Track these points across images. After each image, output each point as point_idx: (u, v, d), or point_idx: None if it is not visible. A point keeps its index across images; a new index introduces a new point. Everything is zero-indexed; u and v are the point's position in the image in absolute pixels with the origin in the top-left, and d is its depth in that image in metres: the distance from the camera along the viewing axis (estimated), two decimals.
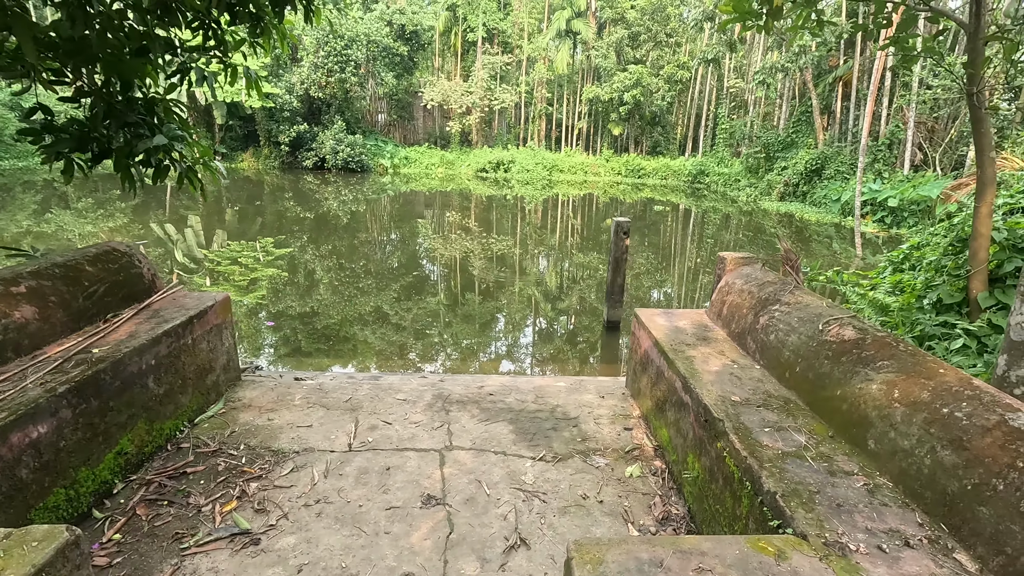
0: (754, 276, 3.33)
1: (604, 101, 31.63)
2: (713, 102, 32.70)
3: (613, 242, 6.87)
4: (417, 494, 2.68)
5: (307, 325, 7.54)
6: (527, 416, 3.47)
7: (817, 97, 22.31)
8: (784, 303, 2.89)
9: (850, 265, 12.09)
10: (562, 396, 3.76)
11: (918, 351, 2.20)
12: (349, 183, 24.98)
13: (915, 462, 1.85)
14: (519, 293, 9.83)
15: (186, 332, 3.20)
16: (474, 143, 35.25)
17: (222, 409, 3.41)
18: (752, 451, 2.09)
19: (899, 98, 18.83)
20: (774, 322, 2.84)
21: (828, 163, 21.06)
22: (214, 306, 3.49)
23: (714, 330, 3.36)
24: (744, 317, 3.11)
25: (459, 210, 19.49)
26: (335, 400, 3.61)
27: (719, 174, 28.39)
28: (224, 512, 2.50)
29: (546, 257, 13.06)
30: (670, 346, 3.09)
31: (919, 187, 15.68)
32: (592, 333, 7.64)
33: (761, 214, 20.20)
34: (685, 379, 2.71)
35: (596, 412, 3.55)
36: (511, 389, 3.85)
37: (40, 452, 2.18)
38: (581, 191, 26.85)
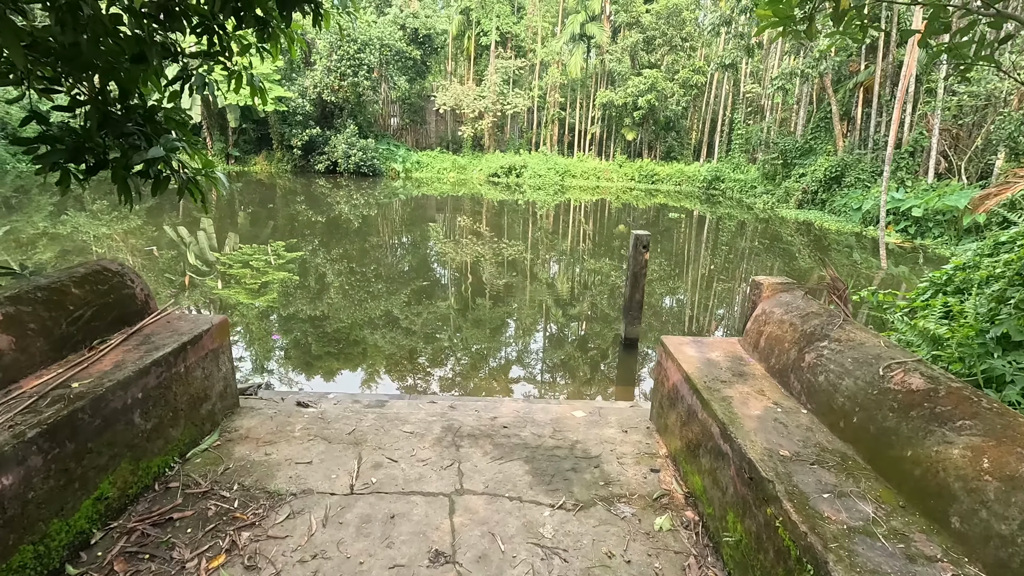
0: (795, 305, 3.02)
1: (618, 106, 31.30)
2: (728, 107, 32.22)
3: (632, 256, 6.52)
4: (424, 549, 2.41)
5: (317, 328, 7.53)
6: (544, 454, 3.19)
7: (837, 103, 21.79)
8: (834, 339, 2.58)
9: (874, 277, 11.64)
10: (582, 430, 3.47)
11: (1007, 410, 1.89)
12: (361, 187, 24.90)
13: (1018, 554, 1.54)
14: (531, 302, 9.56)
15: (178, 360, 2.97)
16: (486, 148, 35.08)
17: (217, 441, 3.17)
18: (812, 525, 1.79)
19: (923, 105, 18.28)
20: (823, 361, 2.53)
21: (848, 170, 20.48)
22: (210, 330, 3.26)
23: (750, 364, 3.06)
24: (786, 352, 2.81)
25: (471, 215, 19.28)
26: (337, 432, 3.36)
27: (735, 180, 27.91)
28: (210, 569, 2.25)
29: (558, 264, 12.77)
30: (703, 383, 2.79)
31: (945, 196, 15.11)
32: (608, 350, 7.33)
33: (779, 222, 19.72)
34: (724, 425, 2.41)
35: (619, 450, 3.26)
36: (526, 420, 3.57)
37: (3, 508, 1.94)
38: (593, 197, 26.52)
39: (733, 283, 11.81)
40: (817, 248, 15.21)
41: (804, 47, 22.55)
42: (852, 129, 22.46)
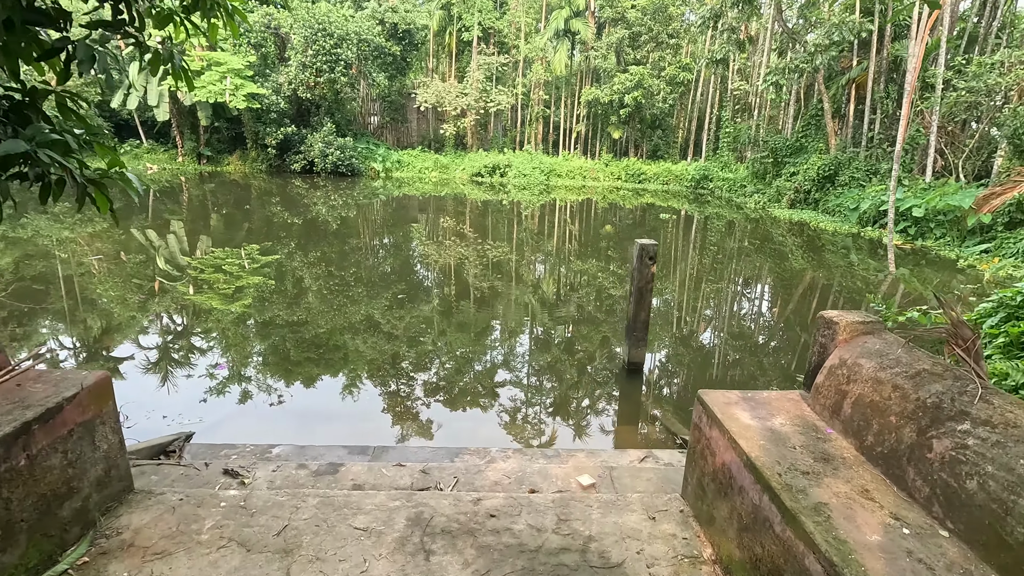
0: (894, 358, 2.18)
1: (604, 103, 30.55)
2: (715, 105, 31.69)
3: (636, 269, 5.57)
4: None
5: (296, 334, 7.08)
6: (548, 562, 2.30)
7: (829, 100, 21.22)
8: (980, 421, 1.74)
9: (881, 283, 10.97)
10: (595, 519, 2.58)
11: None
12: (339, 187, 23.76)
13: None
14: (518, 315, 8.69)
15: (16, 448, 2.02)
16: (469, 146, 34.09)
17: (83, 557, 2.22)
18: None
19: (922, 101, 17.77)
20: (970, 456, 1.69)
21: (842, 169, 19.89)
22: (78, 396, 2.31)
23: (832, 439, 2.20)
24: (894, 430, 1.96)
25: (454, 216, 18.32)
26: (262, 531, 2.42)
27: (723, 179, 27.34)
28: None
29: (546, 270, 11.91)
30: (776, 475, 1.93)
31: (947, 196, 14.53)
32: (609, 376, 6.42)
33: (771, 222, 19.10)
34: (831, 564, 1.55)
35: (648, 550, 2.38)
36: (521, 506, 2.66)
37: None
38: (579, 196, 25.74)
39: (747, 291, 11.11)
40: (810, 249, 14.61)
41: (794, 43, 21.99)
42: (843, 127, 21.98)
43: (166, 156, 27.77)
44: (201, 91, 23.19)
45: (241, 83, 23.96)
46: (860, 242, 15.37)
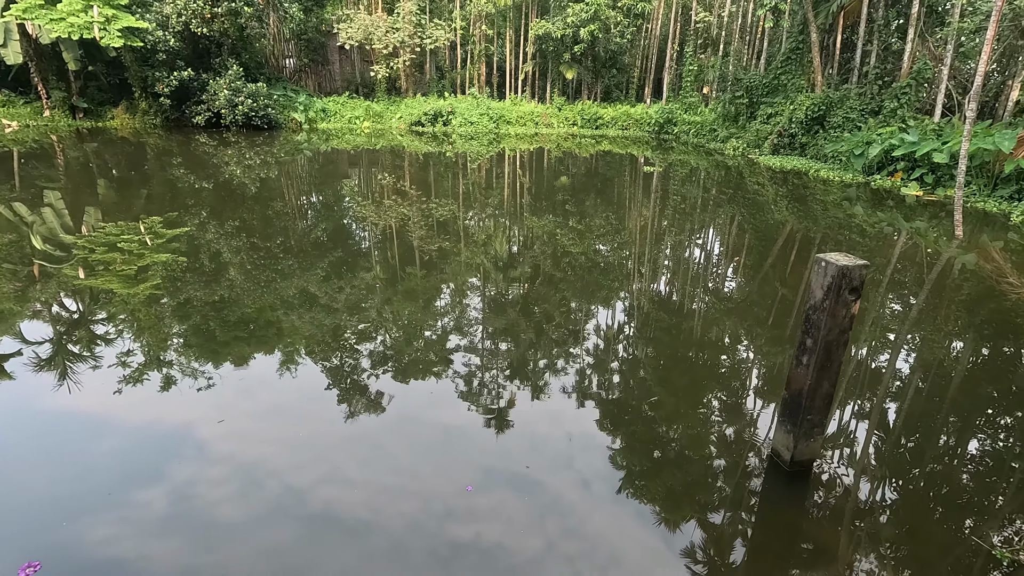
0: None
1: (555, 39, 30.09)
2: (676, 40, 31.87)
3: (820, 307, 3.62)
4: None
5: (220, 313, 6.84)
6: None
7: (817, 31, 21.14)
8: None
9: (940, 252, 10.51)
10: None
11: None
12: (255, 143, 22.49)
13: None
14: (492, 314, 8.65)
15: None
16: (404, 91, 32.94)
17: None
18: None
19: (940, 29, 18.00)
20: None
21: (833, 109, 19.81)
22: None
23: None
24: None
25: (393, 171, 17.79)
26: None
27: (689, 123, 27.77)
28: None
29: (518, 231, 11.87)
30: None
31: (978, 138, 13.93)
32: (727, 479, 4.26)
33: (764, 172, 19.18)
34: None
35: None
36: None
37: None
38: (532, 145, 25.58)
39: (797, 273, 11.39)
40: (822, 206, 15.13)
41: None
42: (829, 61, 22.18)
43: (28, 110, 25.17)
44: (59, 24, 20.91)
45: (113, 14, 21.78)
46: (881, 196, 15.27)
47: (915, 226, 12.24)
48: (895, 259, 10.24)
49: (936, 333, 7.06)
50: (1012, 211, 12.90)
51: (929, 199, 14.73)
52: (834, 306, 3.53)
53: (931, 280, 9.11)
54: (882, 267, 9.73)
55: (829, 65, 22.26)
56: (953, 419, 5.15)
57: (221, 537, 3.48)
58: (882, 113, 18.61)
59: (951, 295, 8.47)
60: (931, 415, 5.21)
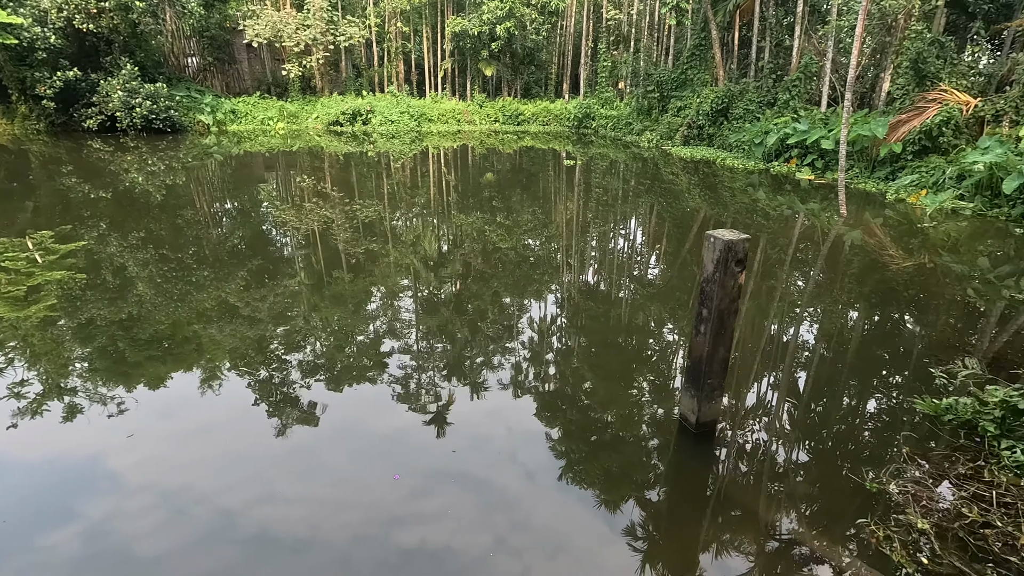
0: None
1: (473, 36, 29.98)
2: (589, 37, 32.64)
3: (711, 279, 3.90)
4: None
5: (129, 332, 6.32)
6: None
7: (717, 28, 22.45)
8: None
9: (829, 230, 11.50)
10: None
11: None
12: (157, 148, 20.88)
13: None
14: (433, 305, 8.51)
15: None
16: (320, 90, 31.71)
17: None
18: None
19: (823, 26, 19.42)
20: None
21: (735, 102, 21.18)
22: None
23: None
24: None
25: (313, 173, 17.08)
26: None
27: (606, 117, 28.55)
28: None
29: (447, 228, 11.73)
30: None
31: (859, 125, 15.59)
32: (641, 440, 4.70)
33: (677, 162, 20.11)
34: None
35: None
36: None
37: None
38: (455, 142, 25.42)
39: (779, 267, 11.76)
40: (728, 191, 15.91)
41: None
42: (729, 56, 23.45)
43: None
44: None
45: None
46: (780, 181, 16.39)
47: (809, 207, 13.28)
48: (795, 238, 11.08)
49: (824, 301, 7.72)
50: (887, 190, 14.30)
51: (820, 182, 16.03)
52: (723, 277, 3.84)
53: (823, 255, 9.93)
54: (785, 246, 10.51)
55: (730, 60, 23.61)
56: (839, 376, 5.68)
57: (147, 574, 3.23)
58: (776, 104, 20.06)
59: (841, 268, 9.27)
60: (820, 373, 5.76)
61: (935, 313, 7.41)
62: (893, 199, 13.72)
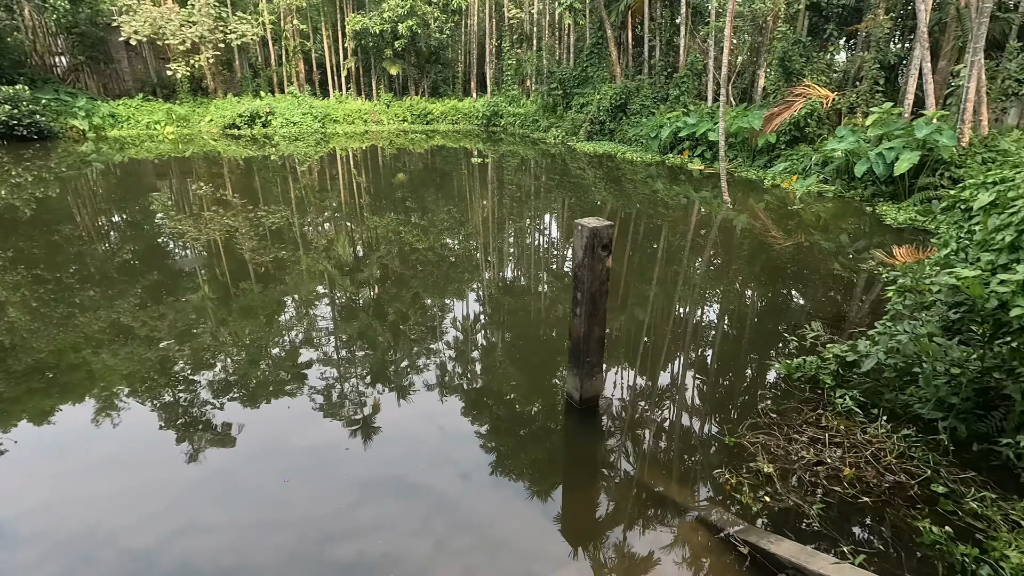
0: None
1: (375, 34, 29.21)
2: (493, 35, 32.86)
3: (582, 265, 4.10)
4: None
5: (1, 364, 5.63)
6: None
7: (611, 27, 23.35)
8: None
9: (716, 215, 12.36)
10: None
11: None
12: (22, 157, 18.59)
13: None
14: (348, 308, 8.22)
15: None
16: (212, 91, 29.62)
17: None
18: None
19: (702, 28, 20.70)
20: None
21: (632, 98, 22.19)
22: None
23: None
24: None
25: (210, 179, 15.94)
26: None
27: (514, 115, 28.91)
28: None
29: (359, 229, 11.37)
30: None
31: (739, 118, 16.95)
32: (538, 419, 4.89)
33: (583, 157, 20.67)
34: None
35: None
36: None
37: None
38: (363, 143, 24.73)
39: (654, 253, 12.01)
40: (628, 182, 16.57)
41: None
42: (624, 54, 24.54)
43: None
44: None
45: None
46: (676, 172, 17.37)
47: (702, 195, 14.23)
48: (686, 223, 11.86)
49: (703, 280, 8.36)
50: (765, 177, 15.70)
51: (709, 171, 17.25)
52: (592, 262, 4.08)
53: (709, 238, 10.72)
54: (676, 231, 11.24)
55: (626, 58, 24.72)
56: (711, 346, 6.20)
57: None
58: (669, 100, 21.40)
59: (722, 249, 10.05)
60: (695, 345, 6.27)
61: (800, 285, 8.27)
62: (770, 185, 15.02)
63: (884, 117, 12.76)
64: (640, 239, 10.93)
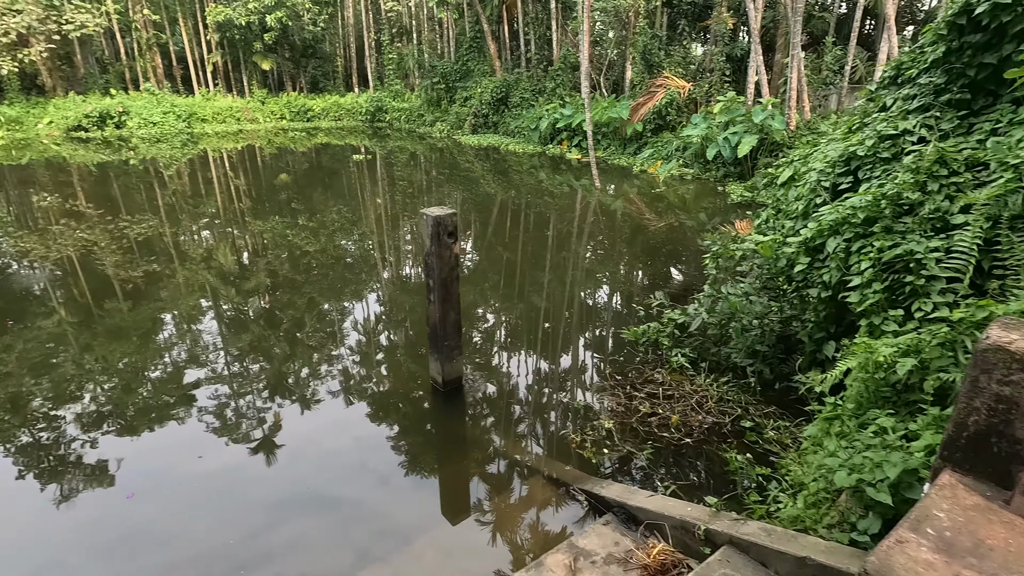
0: None
1: (241, 27, 27.39)
2: (371, 29, 32.08)
3: (430, 253, 4.25)
4: None
5: None
6: None
7: (487, 21, 23.76)
8: None
9: (589, 201, 13.23)
10: None
11: None
12: None
13: None
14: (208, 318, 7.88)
15: None
16: (50, 89, 26.27)
17: None
18: None
19: (570, 23, 21.56)
20: None
21: (512, 91, 22.71)
22: None
23: None
24: None
25: (57, 189, 14.28)
26: None
27: (399, 110, 28.53)
28: None
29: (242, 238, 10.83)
30: None
31: (609, 109, 18.04)
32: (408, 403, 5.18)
33: (469, 150, 20.77)
34: None
35: None
36: None
37: None
38: (239, 143, 23.27)
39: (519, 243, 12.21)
40: (515, 172, 17.01)
41: None
42: (503, 48, 25.06)
43: None
44: None
45: None
46: (557, 163, 18.03)
47: (581, 183, 15.16)
48: (567, 209, 12.67)
49: (569, 261, 9.12)
50: (634, 163, 17.08)
51: (586, 160, 18.27)
52: (439, 249, 4.21)
53: (583, 222, 11.58)
54: (559, 218, 12.00)
55: (504, 52, 25.32)
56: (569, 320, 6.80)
57: None
58: (546, 92, 22.31)
59: (590, 231, 10.92)
60: (554, 322, 6.88)
61: (657, 260, 9.25)
62: (639, 170, 16.33)
63: (729, 105, 14.34)
64: (517, 226, 11.48)
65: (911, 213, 4.27)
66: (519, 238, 10.57)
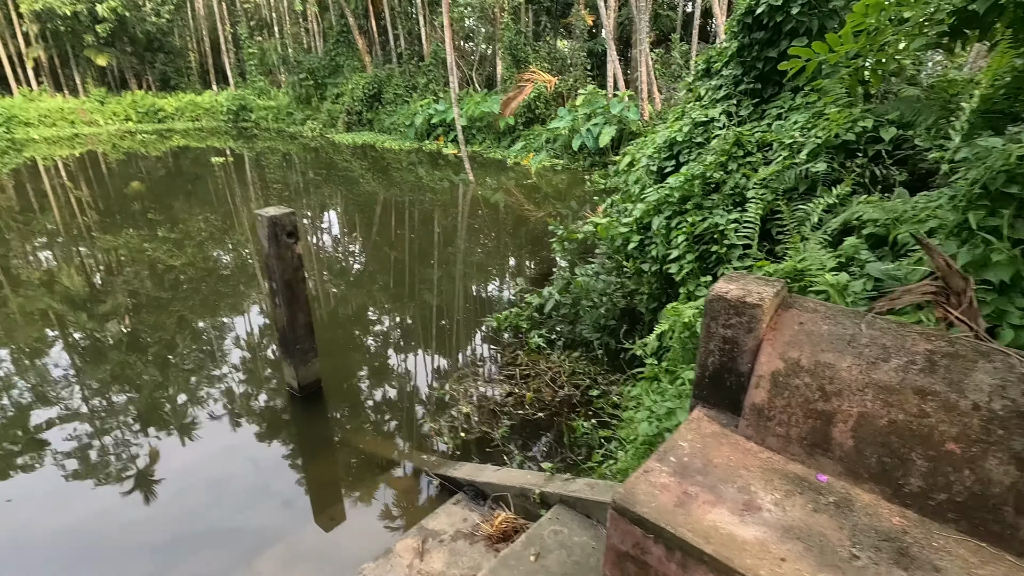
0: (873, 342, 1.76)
1: (66, 17, 24.13)
2: (226, 21, 29.72)
3: (269, 255, 4.07)
4: None
5: None
6: None
7: (353, 16, 22.95)
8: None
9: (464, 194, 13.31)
10: None
11: None
12: None
13: None
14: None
15: None
16: None
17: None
18: None
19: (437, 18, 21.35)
20: None
21: (384, 87, 22.11)
22: None
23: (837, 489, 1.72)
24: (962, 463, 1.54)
25: None
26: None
27: (265, 108, 26.72)
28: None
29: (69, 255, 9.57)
30: None
31: (481, 104, 18.22)
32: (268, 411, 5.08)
33: (344, 148, 19.97)
34: None
35: None
36: None
37: None
38: (76, 150, 20.60)
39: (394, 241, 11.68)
40: (391, 168, 16.59)
41: None
42: (372, 43, 24.36)
43: None
44: None
45: None
46: (436, 158, 17.85)
47: (460, 177, 15.28)
48: (454, 204, 12.76)
49: (431, 253, 9.30)
50: (508, 156, 17.60)
51: (457, 155, 18.67)
52: (279, 250, 4.03)
53: (465, 215, 11.77)
54: (454, 214, 12.09)
55: (374, 47, 24.72)
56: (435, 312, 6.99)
57: None
58: (419, 88, 22.15)
59: (470, 223, 11.15)
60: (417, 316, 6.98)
61: (525, 248, 9.67)
62: (512, 163, 16.86)
63: (589, 98, 15.15)
64: (403, 224, 11.40)
65: (717, 191, 4.83)
66: (404, 236, 10.48)
